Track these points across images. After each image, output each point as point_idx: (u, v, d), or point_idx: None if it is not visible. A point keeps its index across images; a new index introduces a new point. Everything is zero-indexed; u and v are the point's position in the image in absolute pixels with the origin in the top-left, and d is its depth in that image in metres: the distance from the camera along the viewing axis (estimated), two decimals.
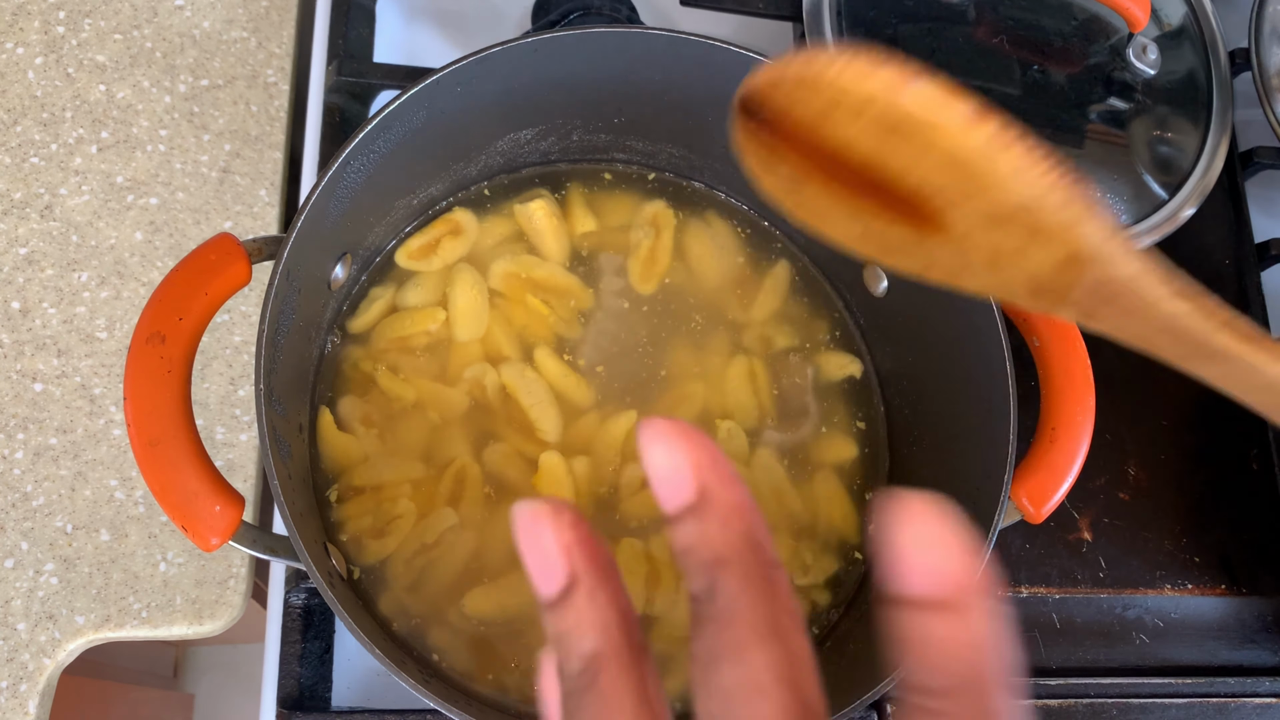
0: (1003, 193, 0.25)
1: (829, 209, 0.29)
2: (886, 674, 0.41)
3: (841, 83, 0.25)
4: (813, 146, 0.27)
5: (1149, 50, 0.64)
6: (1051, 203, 0.25)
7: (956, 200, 0.26)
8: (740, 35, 0.69)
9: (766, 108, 0.28)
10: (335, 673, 0.53)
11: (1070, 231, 0.25)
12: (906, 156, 0.26)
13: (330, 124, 0.62)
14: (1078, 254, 0.26)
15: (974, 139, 0.25)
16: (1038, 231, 0.26)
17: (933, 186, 0.26)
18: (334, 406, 0.50)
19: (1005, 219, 0.26)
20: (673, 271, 0.55)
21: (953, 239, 0.27)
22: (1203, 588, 0.60)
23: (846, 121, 0.26)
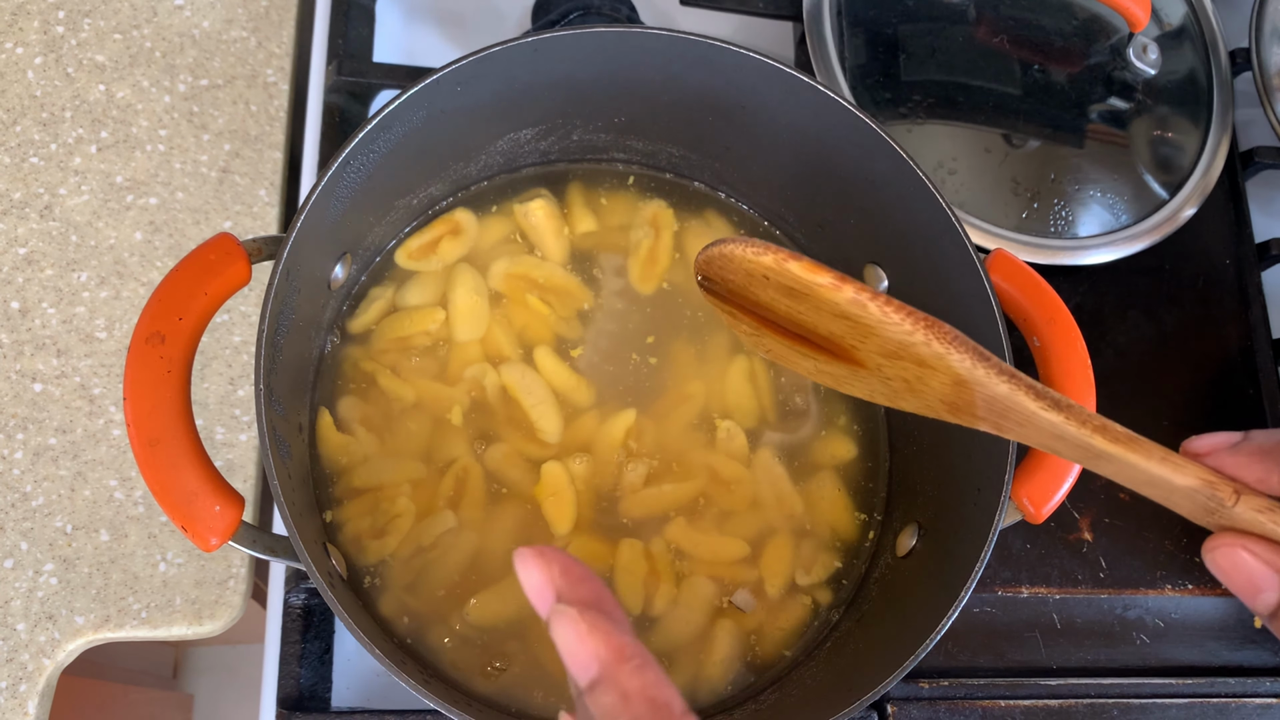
0: (881, 335, 0.31)
1: (785, 354, 0.36)
2: (886, 674, 0.41)
3: (745, 259, 0.33)
4: (751, 307, 0.35)
5: (1149, 50, 0.64)
6: (917, 340, 0.30)
7: (857, 342, 0.33)
8: (740, 35, 0.69)
9: (709, 280, 0.36)
10: (335, 673, 0.53)
11: (943, 362, 0.31)
12: (810, 312, 0.33)
13: (330, 124, 0.62)
14: (958, 379, 0.31)
15: (841, 298, 0.31)
16: (922, 363, 0.31)
17: (837, 333, 0.33)
18: (334, 407, 0.50)
19: (895, 355, 0.32)
20: (673, 271, 0.55)
21: (871, 372, 0.33)
22: (1203, 588, 0.60)
23: (761, 288, 0.34)
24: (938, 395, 0.32)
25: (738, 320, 0.37)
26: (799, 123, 0.50)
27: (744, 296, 0.35)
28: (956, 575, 0.43)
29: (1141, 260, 0.61)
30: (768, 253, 0.32)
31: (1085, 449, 0.30)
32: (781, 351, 0.36)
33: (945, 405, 0.32)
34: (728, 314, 0.37)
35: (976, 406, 0.32)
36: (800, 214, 0.56)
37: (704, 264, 0.35)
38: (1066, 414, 0.30)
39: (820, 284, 0.31)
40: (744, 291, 0.35)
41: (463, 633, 0.48)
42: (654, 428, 0.52)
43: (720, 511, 0.51)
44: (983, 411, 0.32)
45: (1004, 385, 0.30)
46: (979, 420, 0.32)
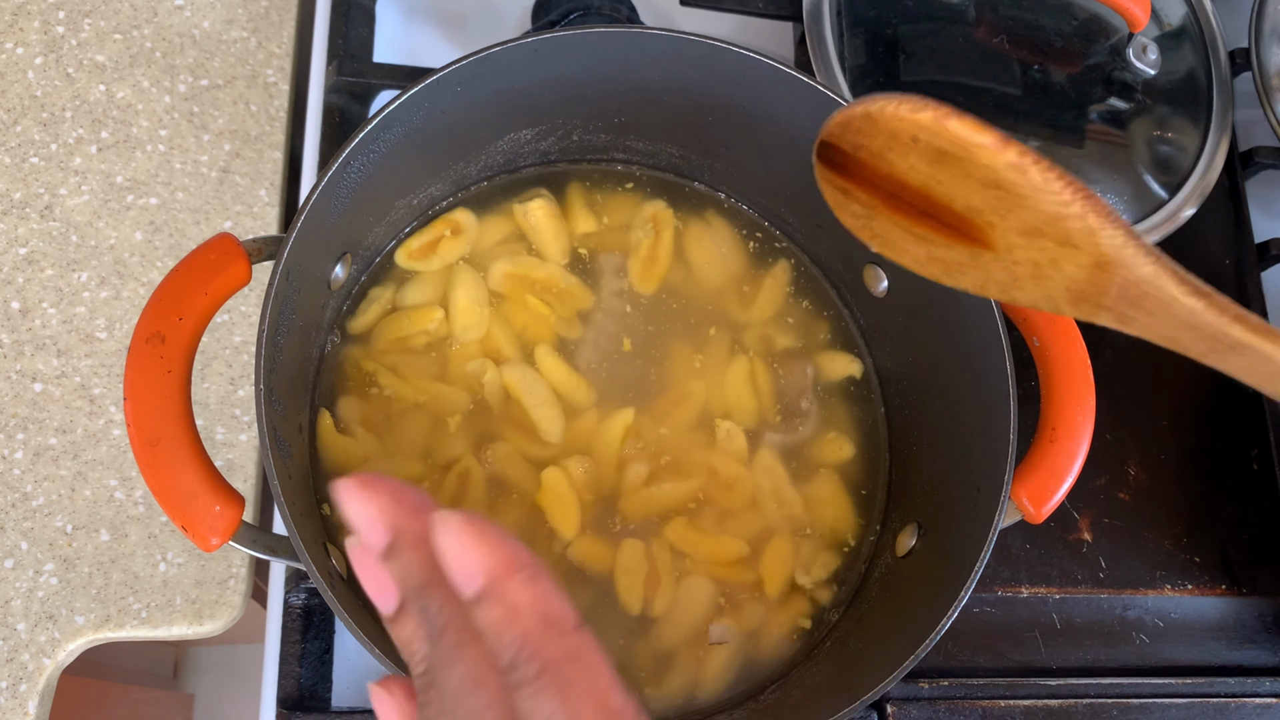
0: (1032, 207, 0.29)
1: (896, 237, 0.34)
2: (886, 674, 0.41)
3: (897, 118, 0.31)
4: (877, 182, 0.33)
5: (1149, 50, 0.64)
6: (1072, 213, 0.29)
7: (996, 218, 0.31)
8: (740, 35, 0.69)
9: (837, 149, 0.33)
10: (335, 673, 0.53)
11: (1092, 238, 0.29)
12: (952, 182, 0.31)
13: (330, 124, 0.62)
14: (1102, 259, 0.29)
15: (1001, 160, 0.29)
16: (1066, 241, 0.30)
17: (975, 208, 0.31)
18: (334, 407, 0.50)
19: (1038, 232, 0.30)
20: (673, 272, 0.55)
21: (999, 255, 0.32)
22: (1203, 588, 0.60)
23: (902, 154, 0.31)
24: (1066, 281, 0.31)
25: (848, 200, 0.35)
26: (799, 123, 0.50)
27: (871, 167, 0.33)
28: (956, 575, 0.43)
29: None
30: (926, 109, 0.30)
31: (1218, 339, 0.29)
32: (892, 236, 0.34)
33: (1070, 294, 0.31)
34: (838, 191, 0.35)
35: (1108, 293, 0.30)
36: (800, 214, 0.56)
37: (839, 126, 0.33)
38: (1208, 301, 0.29)
39: (982, 144, 0.29)
40: (877, 160, 0.32)
41: None
42: (654, 427, 0.52)
43: (720, 511, 0.51)
44: (1113, 299, 0.30)
45: (1150, 266, 0.29)
46: (1102, 310, 0.31)
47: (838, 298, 0.56)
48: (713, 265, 0.56)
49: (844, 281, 0.56)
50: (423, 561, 0.22)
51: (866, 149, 0.33)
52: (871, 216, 0.34)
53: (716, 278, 0.56)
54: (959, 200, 0.31)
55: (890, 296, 0.53)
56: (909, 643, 0.42)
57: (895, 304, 0.53)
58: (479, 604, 0.21)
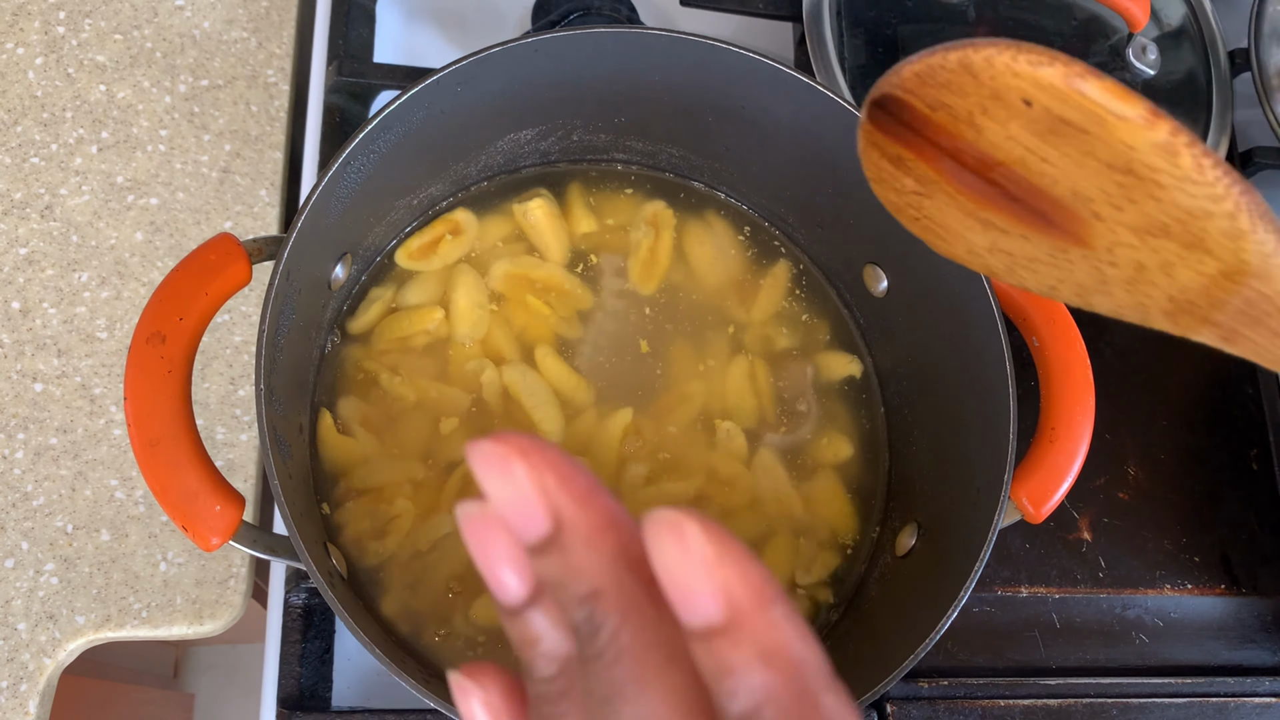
0: (1167, 200, 0.24)
1: (952, 221, 0.28)
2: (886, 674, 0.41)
3: (1010, 72, 0.24)
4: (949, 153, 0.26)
5: (1149, 50, 0.64)
6: (1222, 210, 0.24)
7: (1109, 210, 0.25)
8: (740, 35, 0.69)
9: (908, 106, 0.26)
10: (335, 673, 0.53)
11: (1236, 243, 0.24)
12: (1063, 161, 0.25)
13: (330, 124, 0.62)
14: (1238, 268, 0.24)
15: (1147, 139, 0.23)
16: (1196, 244, 0.24)
17: (1085, 195, 0.25)
18: (334, 407, 0.50)
19: (1162, 230, 0.25)
20: (673, 272, 0.55)
21: (1093, 253, 0.26)
22: (1203, 588, 0.60)
23: (1002, 120, 0.25)
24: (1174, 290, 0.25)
25: (899, 172, 0.28)
26: (799, 123, 0.50)
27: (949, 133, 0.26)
28: (956, 575, 0.43)
29: None
30: (1055, 63, 0.23)
31: None
32: (946, 219, 0.28)
33: (1172, 304, 0.26)
34: (887, 160, 0.28)
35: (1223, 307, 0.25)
36: (800, 214, 0.56)
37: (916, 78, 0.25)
38: None
39: (1127, 116, 0.23)
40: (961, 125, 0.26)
41: (464, 632, 0.48)
42: (654, 427, 0.52)
43: (720, 511, 0.51)
44: (1227, 314, 0.25)
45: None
46: (1207, 326, 0.26)
47: (838, 298, 0.56)
48: (713, 265, 0.56)
49: (844, 281, 0.56)
50: (597, 562, 0.17)
51: (951, 110, 0.26)
52: (926, 195, 0.28)
53: (716, 278, 0.56)
54: (1064, 184, 0.25)
55: (890, 296, 0.53)
56: (909, 642, 0.42)
57: (895, 304, 0.53)
58: (713, 639, 0.16)
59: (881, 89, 0.27)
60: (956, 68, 0.24)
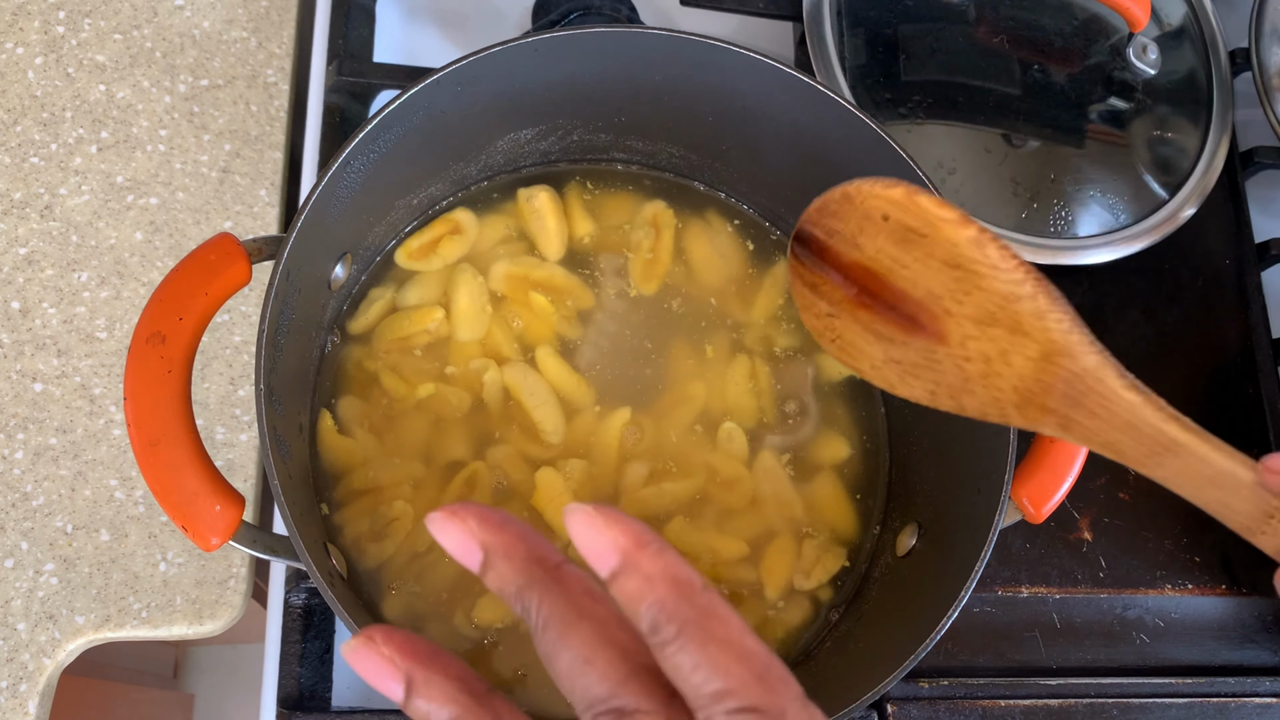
0: (987, 288, 0.31)
1: (856, 337, 0.35)
2: (886, 674, 0.41)
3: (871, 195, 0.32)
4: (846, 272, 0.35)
5: (1149, 50, 0.64)
6: (1025, 293, 0.30)
7: (953, 304, 0.32)
8: (740, 35, 0.69)
9: (814, 238, 0.35)
10: (335, 673, 0.53)
11: (1041, 321, 0.30)
12: (915, 264, 0.32)
13: (330, 124, 0.62)
14: (1050, 348, 0.30)
15: (963, 235, 0.31)
16: (1017, 328, 0.31)
17: (935, 293, 0.32)
18: (334, 407, 0.50)
19: (991, 318, 0.31)
20: (673, 272, 0.55)
21: (953, 349, 0.33)
22: (1203, 588, 0.60)
23: (871, 235, 0.33)
24: (1015, 379, 0.31)
25: (816, 298, 0.36)
26: (799, 123, 0.50)
27: (840, 255, 0.34)
28: (956, 575, 0.43)
29: (1141, 260, 0.61)
30: (899, 186, 0.32)
31: (1156, 440, 0.29)
32: (852, 336, 0.35)
33: (1017, 394, 0.32)
34: (808, 287, 0.36)
35: (1053, 392, 0.31)
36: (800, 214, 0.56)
37: (817, 211, 0.35)
38: (1146, 397, 0.29)
39: (946, 218, 0.31)
40: (848, 246, 0.34)
41: (464, 633, 0.48)
42: (654, 427, 0.52)
43: (720, 511, 0.51)
44: (1056, 399, 0.31)
45: (1094, 356, 0.30)
46: (1047, 415, 0.31)
47: None
48: (713, 265, 0.56)
49: None
50: (515, 567, 0.24)
51: (840, 234, 0.34)
52: (835, 315, 0.36)
53: (717, 278, 0.56)
54: (921, 285, 0.32)
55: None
56: (909, 642, 0.42)
57: None
58: (615, 579, 0.23)
59: (798, 225, 0.36)
60: (839, 197, 0.34)
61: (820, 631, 0.50)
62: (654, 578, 0.22)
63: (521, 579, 0.24)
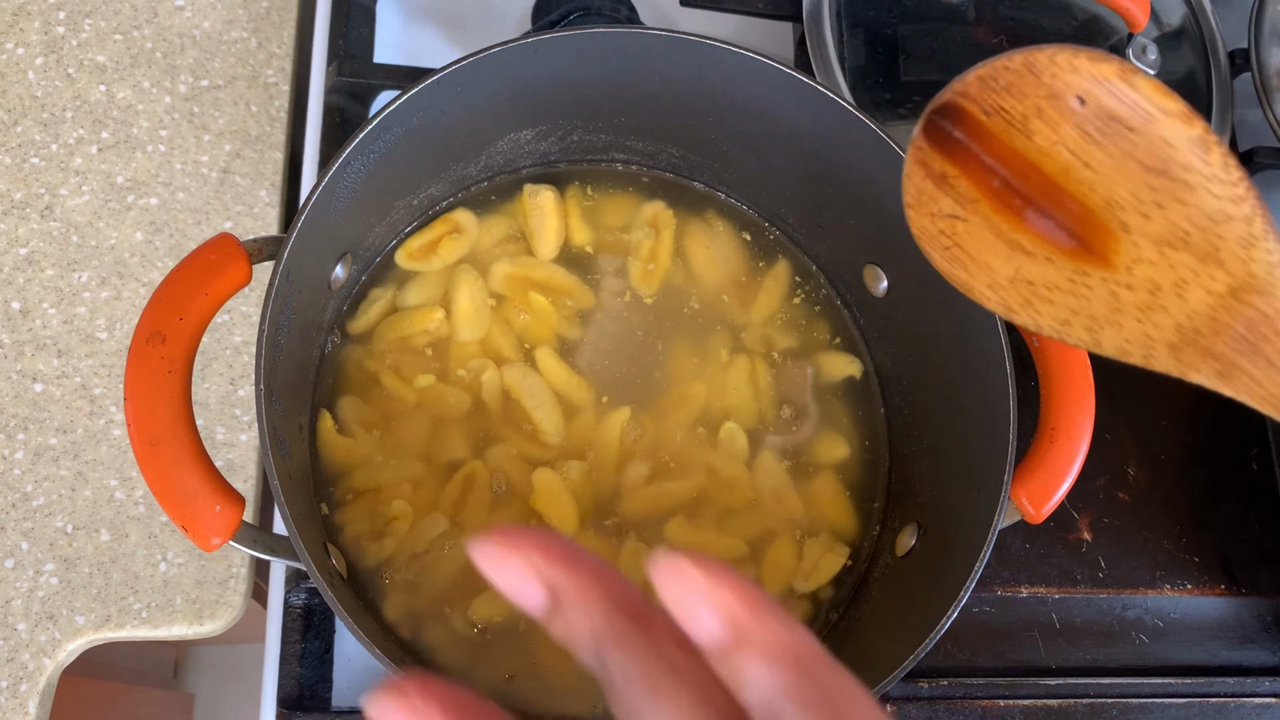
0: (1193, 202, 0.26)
1: (981, 248, 0.29)
2: (886, 674, 0.41)
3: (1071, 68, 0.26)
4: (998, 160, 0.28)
5: (1149, 50, 0.64)
6: (1240, 214, 0.25)
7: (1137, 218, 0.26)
8: (740, 35, 0.69)
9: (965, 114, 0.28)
10: (335, 673, 0.53)
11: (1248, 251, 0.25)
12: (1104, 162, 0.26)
13: (330, 124, 0.62)
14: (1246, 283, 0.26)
15: (1186, 133, 0.25)
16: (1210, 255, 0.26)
17: (1118, 202, 0.27)
18: (334, 408, 0.50)
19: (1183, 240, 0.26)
20: (673, 272, 0.55)
21: (1113, 274, 0.27)
22: (1203, 588, 0.60)
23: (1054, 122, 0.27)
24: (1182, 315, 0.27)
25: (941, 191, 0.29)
26: (799, 123, 0.50)
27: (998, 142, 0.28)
28: (956, 575, 0.43)
29: None
30: (1111, 60, 0.26)
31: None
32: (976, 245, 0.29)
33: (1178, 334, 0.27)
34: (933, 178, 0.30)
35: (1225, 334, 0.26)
36: (800, 214, 0.56)
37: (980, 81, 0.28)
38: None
39: (1170, 110, 0.25)
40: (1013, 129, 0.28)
41: (463, 632, 0.48)
42: (654, 427, 0.52)
43: (720, 511, 0.51)
44: (1228, 343, 0.26)
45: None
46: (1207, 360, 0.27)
47: (838, 298, 0.56)
48: (713, 265, 0.56)
49: (844, 281, 0.56)
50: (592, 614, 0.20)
51: (1007, 114, 0.28)
52: (962, 217, 0.29)
53: (716, 278, 0.56)
54: (1100, 191, 0.27)
55: (890, 296, 0.53)
56: (909, 643, 0.42)
57: (895, 304, 0.53)
58: (724, 654, 0.19)
59: (944, 97, 0.29)
60: (1020, 67, 0.27)
61: (820, 631, 0.50)
62: (773, 654, 0.18)
63: (601, 630, 0.19)
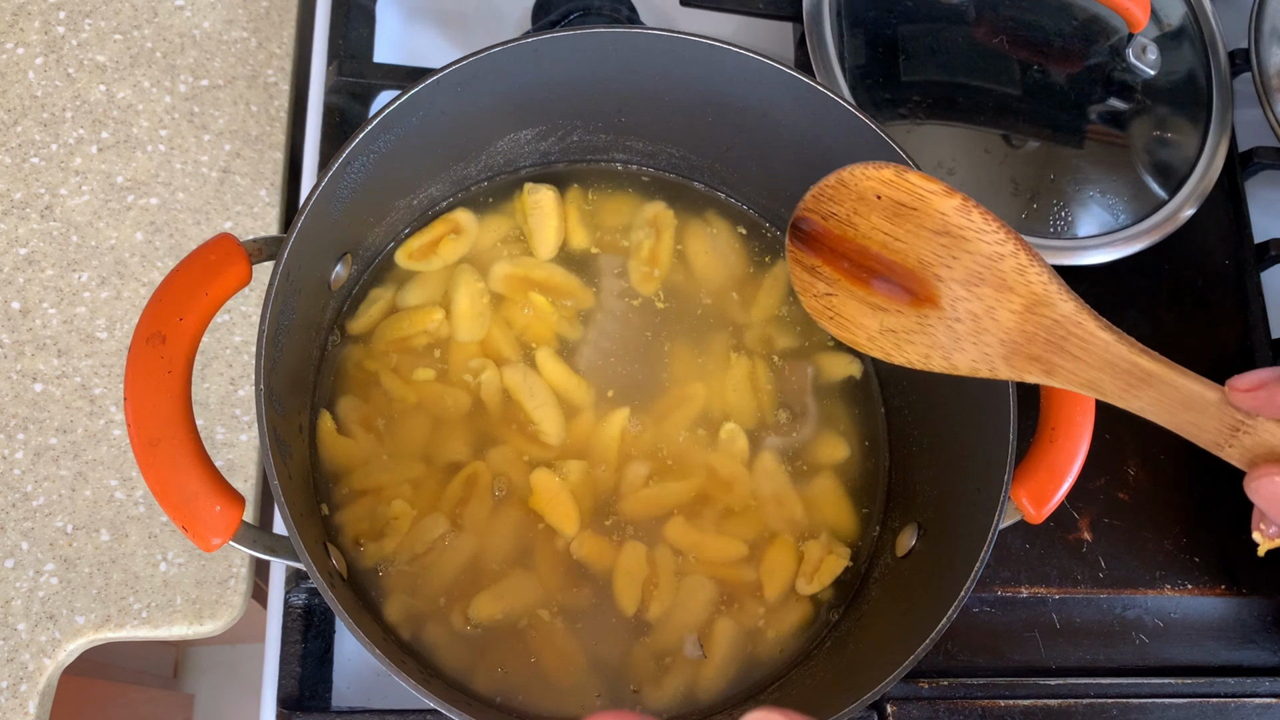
0: (973, 251, 0.34)
1: (853, 312, 0.38)
2: (886, 674, 0.41)
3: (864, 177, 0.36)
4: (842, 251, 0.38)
5: (1149, 50, 0.64)
6: (1007, 251, 0.34)
7: (943, 269, 0.35)
8: (740, 35, 0.69)
9: (810, 221, 0.38)
10: (335, 673, 0.53)
11: (1023, 276, 0.33)
12: (907, 235, 0.35)
13: (330, 124, 0.62)
14: (1032, 300, 0.33)
15: (949, 204, 0.34)
16: (1002, 284, 0.34)
17: (926, 260, 0.35)
18: (334, 407, 0.50)
19: (978, 278, 0.34)
20: (673, 272, 0.55)
21: (944, 313, 0.36)
22: (1203, 588, 0.60)
23: (866, 214, 0.36)
24: (1001, 333, 0.34)
25: (814, 279, 0.39)
26: (799, 123, 0.50)
27: (837, 237, 0.38)
28: (956, 575, 0.43)
29: (1141, 260, 0.61)
30: (888, 166, 0.35)
31: (1132, 373, 0.32)
32: (849, 311, 0.38)
33: (1004, 347, 0.34)
34: (806, 270, 0.40)
35: (1036, 341, 0.34)
36: None
37: (814, 197, 0.38)
38: (1119, 335, 0.32)
39: (933, 190, 0.34)
40: (844, 226, 0.37)
41: (463, 632, 0.48)
42: (654, 427, 0.52)
43: (720, 512, 0.51)
44: (1039, 347, 0.34)
45: (1071, 303, 0.33)
46: (1032, 363, 0.34)
47: None
48: (713, 265, 0.56)
49: None
50: None
51: (836, 216, 0.37)
52: (833, 293, 0.39)
53: (717, 278, 0.56)
54: (912, 255, 0.36)
55: None
56: (909, 643, 0.42)
57: None
58: None
59: (794, 213, 0.39)
60: (834, 182, 0.37)
61: (820, 631, 0.50)
62: None
63: None
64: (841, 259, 0.38)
